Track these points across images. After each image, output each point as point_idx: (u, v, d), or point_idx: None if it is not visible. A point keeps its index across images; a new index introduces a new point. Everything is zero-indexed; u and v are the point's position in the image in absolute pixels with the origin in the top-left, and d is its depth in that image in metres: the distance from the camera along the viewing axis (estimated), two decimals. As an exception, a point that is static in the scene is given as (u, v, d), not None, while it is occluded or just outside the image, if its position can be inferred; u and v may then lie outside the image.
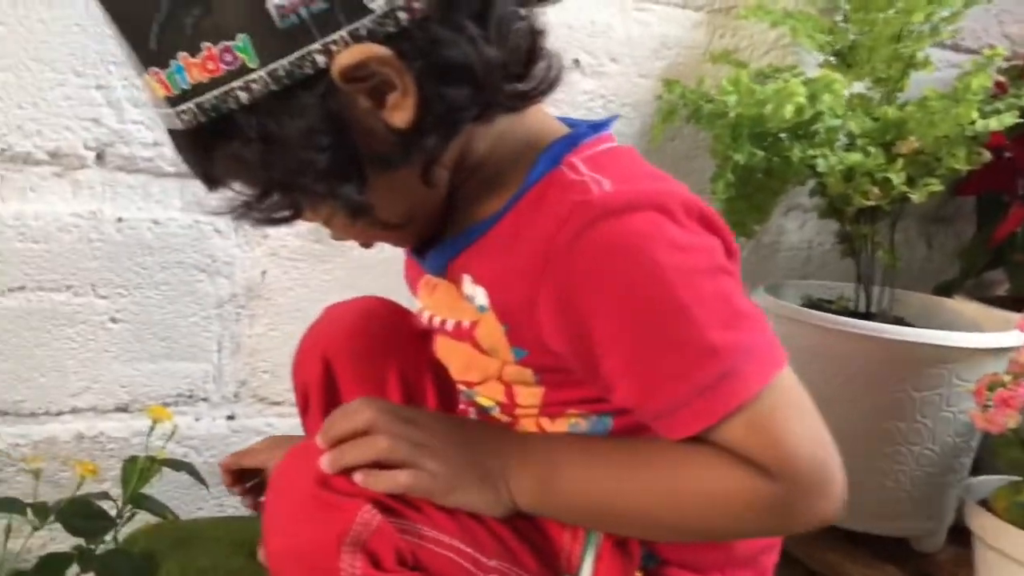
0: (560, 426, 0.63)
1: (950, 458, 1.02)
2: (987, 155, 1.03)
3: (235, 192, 0.57)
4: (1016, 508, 0.80)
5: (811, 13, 1.15)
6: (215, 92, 0.52)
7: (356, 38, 0.50)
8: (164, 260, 0.97)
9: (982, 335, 0.96)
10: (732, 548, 0.65)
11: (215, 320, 1.00)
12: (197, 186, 0.96)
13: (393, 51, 0.51)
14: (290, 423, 1.04)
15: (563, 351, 0.56)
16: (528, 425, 0.65)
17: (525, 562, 0.60)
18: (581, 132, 0.59)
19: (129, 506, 0.88)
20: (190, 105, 0.52)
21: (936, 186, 1.00)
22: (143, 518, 0.90)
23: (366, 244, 0.65)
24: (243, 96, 0.51)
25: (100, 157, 0.93)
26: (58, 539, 0.89)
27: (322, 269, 1.03)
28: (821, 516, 0.55)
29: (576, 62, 1.11)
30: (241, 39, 0.50)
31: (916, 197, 0.99)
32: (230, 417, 1.03)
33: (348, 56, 0.50)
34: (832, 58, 1.14)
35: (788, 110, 0.91)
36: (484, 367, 0.63)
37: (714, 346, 0.53)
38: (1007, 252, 1.23)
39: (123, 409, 0.98)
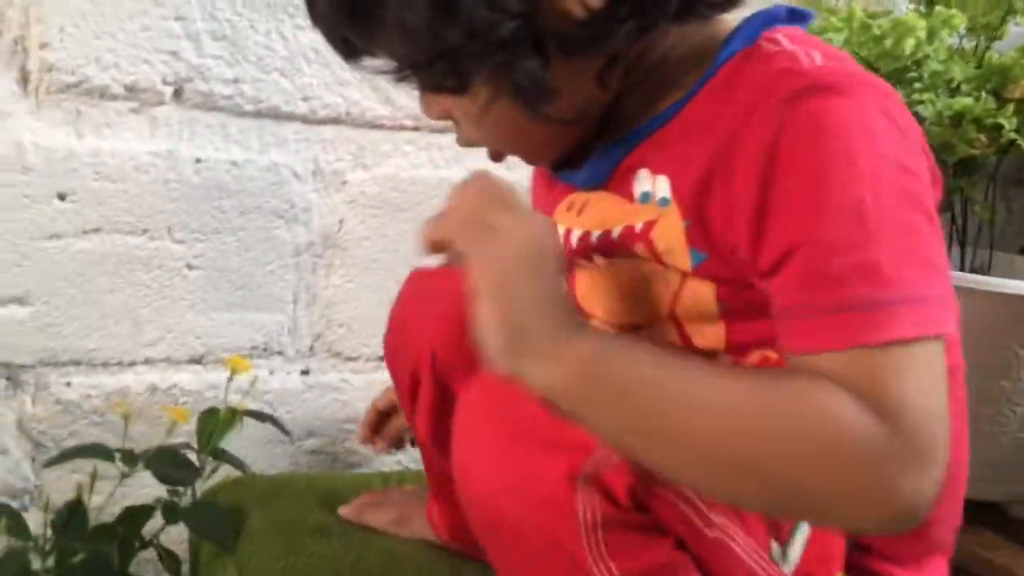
0: None
1: (1054, 419, 0.98)
2: (1094, 105, 1.00)
3: (377, 64, 0.52)
4: None
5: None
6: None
7: None
8: (242, 204, 0.92)
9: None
10: (927, 533, 0.58)
11: (291, 269, 0.96)
12: (277, 128, 0.93)
13: None
14: (365, 379, 1.00)
15: (741, 240, 0.50)
16: None
17: (749, 524, 0.55)
18: (777, 11, 0.54)
19: (210, 459, 0.84)
20: None
21: (1046, 134, 0.96)
22: (219, 473, 0.86)
23: (496, 156, 0.59)
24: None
25: (178, 93, 0.89)
26: (129, 495, 0.84)
27: (400, 219, 0.99)
28: (916, 493, 0.44)
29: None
30: None
31: (1026, 144, 0.95)
32: (304, 372, 0.99)
33: None
34: (922, 7, 1.10)
35: (909, 44, 0.87)
36: (655, 295, 0.56)
37: (880, 270, 0.47)
38: None
39: (197, 361, 0.94)
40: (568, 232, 0.60)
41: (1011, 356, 0.96)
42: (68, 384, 0.89)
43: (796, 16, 0.56)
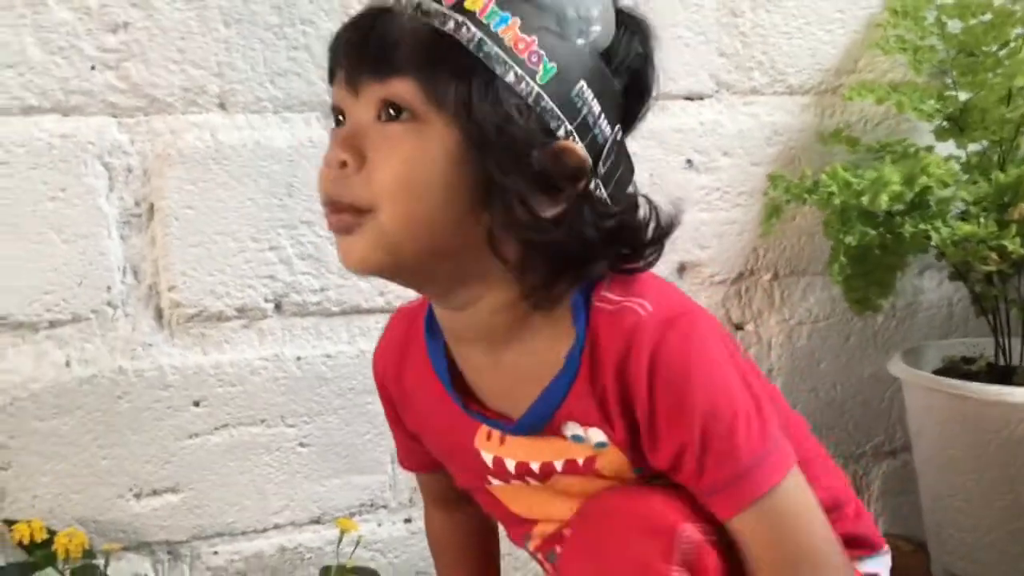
0: None
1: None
2: (1109, 209, 1.03)
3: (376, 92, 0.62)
4: None
5: (917, 83, 1.18)
6: (502, 53, 0.59)
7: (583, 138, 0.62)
8: (338, 388, 1.11)
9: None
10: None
11: (386, 435, 1.12)
12: (360, 321, 1.11)
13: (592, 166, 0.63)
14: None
15: (672, 454, 0.64)
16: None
17: None
18: (595, 275, 0.66)
19: (328, 609, 1.02)
20: (475, 31, 0.59)
21: (1055, 246, 1.00)
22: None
23: (335, 203, 0.64)
24: (509, 76, 0.59)
25: (278, 307, 1.09)
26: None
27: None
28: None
29: (689, 162, 1.19)
30: (552, 65, 0.61)
31: (1036, 260, 1.00)
32: (407, 520, 1.16)
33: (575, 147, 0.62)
34: (945, 123, 1.16)
35: (883, 200, 0.96)
36: (584, 491, 0.69)
37: (749, 443, 0.63)
38: None
39: (316, 521, 1.13)
40: (499, 460, 0.72)
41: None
42: (215, 553, 1.10)
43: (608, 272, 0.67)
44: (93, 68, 1.00)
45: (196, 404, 1.07)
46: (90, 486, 1.05)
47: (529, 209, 0.61)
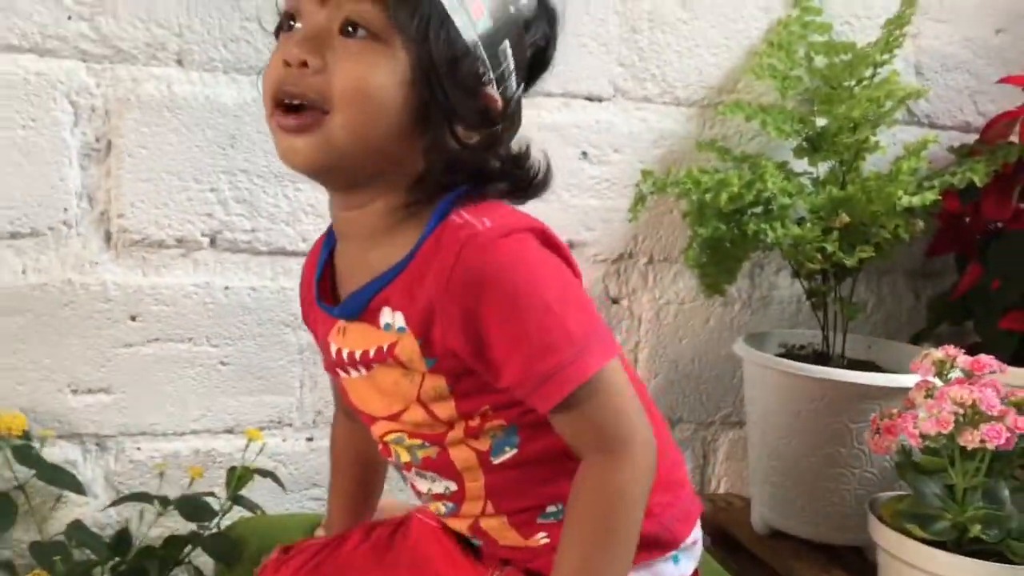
0: (484, 444, 0.79)
1: (889, 479, 1.21)
2: (920, 224, 1.23)
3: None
4: (896, 514, 1.00)
5: (785, 107, 1.38)
6: (456, 1, 0.72)
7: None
8: (259, 318, 1.28)
9: (894, 376, 1.16)
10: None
11: (297, 363, 1.30)
12: (284, 261, 1.28)
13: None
14: (356, 444, 1.33)
15: (462, 351, 0.72)
16: (459, 453, 0.80)
17: None
18: (459, 193, 0.76)
19: (229, 503, 1.18)
20: None
21: (869, 252, 1.20)
22: (240, 512, 1.20)
23: (295, 67, 0.72)
24: (459, 22, 0.71)
25: (212, 242, 1.25)
26: (179, 528, 1.19)
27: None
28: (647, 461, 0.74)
29: (584, 154, 1.38)
30: (490, 22, 0.74)
31: (849, 262, 1.20)
32: (309, 439, 1.33)
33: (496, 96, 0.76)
34: (804, 143, 1.36)
35: (723, 198, 1.15)
36: (404, 390, 0.78)
37: (571, 333, 0.72)
38: (973, 304, 1.41)
39: (229, 431, 1.29)
40: (339, 350, 0.81)
41: (844, 429, 1.20)
42: (138, 448, 1.26)
43: (477, 195, 0.78)
44: (69, 18, 1.15)
45: (132, 318, 1.23)
46: (33, 380, 1.20)
47: (455, 133, 0.74)
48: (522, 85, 0.80)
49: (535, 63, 0.81)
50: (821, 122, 1.35)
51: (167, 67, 1.20)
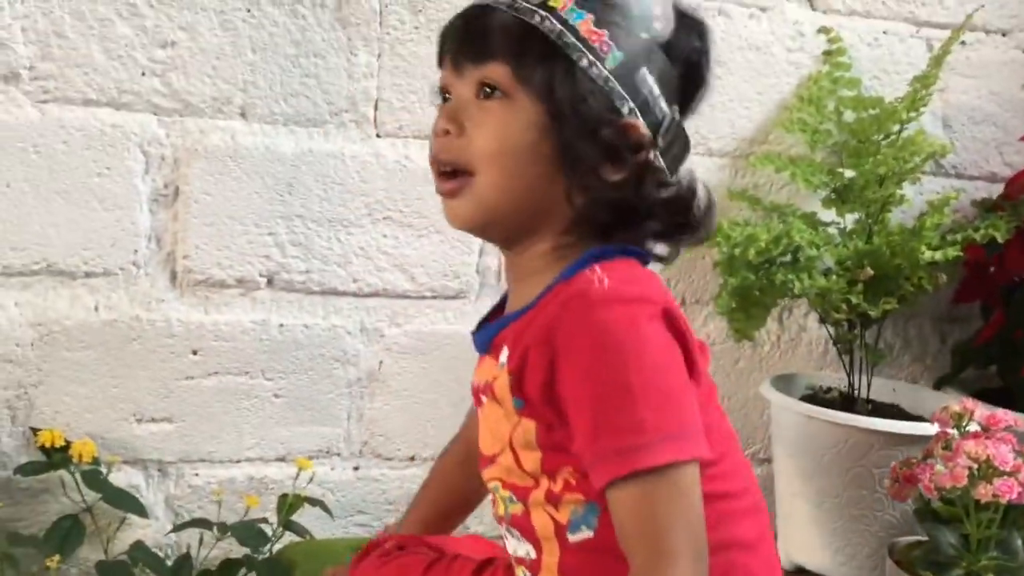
0: (563, 515, 0.77)
1: (910, 523, 1.26)
2: (943, 278, 1.28)
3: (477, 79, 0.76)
4: (912, 560, 1.05)
5: (814, 159, 1.44)
6: (578, 43, 0.73)
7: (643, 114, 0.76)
8: (311, 353, 1.36)
9: (915, 424, 1.21)
10: None
11: (346, 396, 1.38)
12: (335, 301, 1.35)
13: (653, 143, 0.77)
14: (399, 473, 1.41)
15: (536, 398, 0.72)
16: (540, 518, 0.78)
17: None
18: (606, 250, 0.76)
19: (280, 528, 1.26)
20: (556, 25, 0.74)
21: (893, 304, 1.25)
22: (290, 537, 1.28)
23: (440, 161, 0.78)
24: (584, 62, 0.74)
25: (270, 282, 1.33)
26: (234, 551, 1.27)
27: (422, 360, 1.40)
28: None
29: (620, 201, 1.44)
30: (619, 53, 0.75)
31: (874, 313, 1.25)
32: (355, 468, 1.41)
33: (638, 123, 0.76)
34: (832, 194, 1.42)
35: (751, 252, 1.21)
36: (503, 430, 0.77)
37: (641, 422, 0.69)
38: (997, 351, 1.45)
39: (281, 459, 1.37)
40: (473, 381, 0.83)
41: (866, 473, 1.26)
42: (196, 474, 1.34)
43: (627, 252, 0.77)
44: (143, 74, 1.24)
45: (194, 352, 1.32)
46: (101, 408, 1.29)
47: (597, 173, 0.75)
48: (676, 107, 0.79)
49: (688, 81, 0.80)
50: (849, 174, 1.40)
51: (231, 120, 1.28)
